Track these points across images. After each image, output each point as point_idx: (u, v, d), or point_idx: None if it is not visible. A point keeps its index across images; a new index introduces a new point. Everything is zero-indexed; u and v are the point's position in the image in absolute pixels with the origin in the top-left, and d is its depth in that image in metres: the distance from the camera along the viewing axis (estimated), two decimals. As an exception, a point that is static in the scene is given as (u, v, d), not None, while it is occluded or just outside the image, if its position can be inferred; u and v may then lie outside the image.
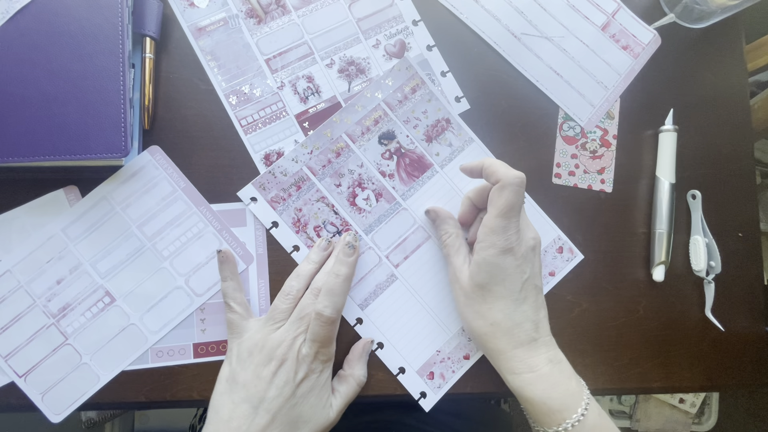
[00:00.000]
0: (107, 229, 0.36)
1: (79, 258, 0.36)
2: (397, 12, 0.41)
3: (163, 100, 0.38)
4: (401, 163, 0.39)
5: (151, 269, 0.36)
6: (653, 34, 0.43)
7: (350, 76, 0.40)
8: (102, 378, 0.35)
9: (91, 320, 0.35)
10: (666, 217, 0.41)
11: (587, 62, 0.42)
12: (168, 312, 0.36)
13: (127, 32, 0.35)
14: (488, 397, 0.52)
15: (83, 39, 0.34)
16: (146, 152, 0.37)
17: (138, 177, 0.37)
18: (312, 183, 0.38)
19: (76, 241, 0.36)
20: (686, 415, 0.97)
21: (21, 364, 0.35)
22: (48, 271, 0.35)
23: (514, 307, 0.33)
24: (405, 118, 0.40)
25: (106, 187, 0.36)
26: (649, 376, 0.41)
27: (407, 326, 0.38)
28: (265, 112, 0.39)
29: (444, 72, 0.41)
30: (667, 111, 0.42)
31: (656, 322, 0.41)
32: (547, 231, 0.40)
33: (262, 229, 0.38)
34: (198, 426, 0.54)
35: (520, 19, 0.42)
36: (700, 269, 0.41)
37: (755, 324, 0.42)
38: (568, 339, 0.40)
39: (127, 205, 0.36)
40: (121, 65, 0.34)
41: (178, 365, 0.36)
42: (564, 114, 0.42)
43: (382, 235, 0.39)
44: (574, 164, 0.42)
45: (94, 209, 0.36)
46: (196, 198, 0.37)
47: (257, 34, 0.39)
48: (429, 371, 0.38)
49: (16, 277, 0.35)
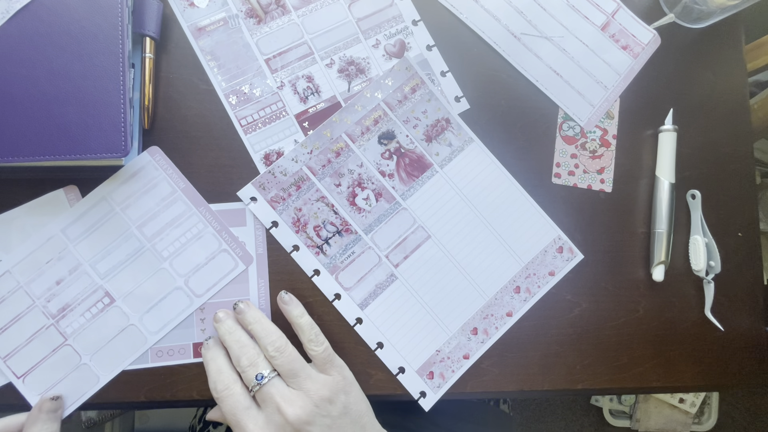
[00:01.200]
0: (107, 229, 0.36)
1: (78, 258, 0.36)
2: (396, 12, 0.41)
3: (163, 100, 0.38)
4: (401, 163, 0.39)
5: (150, 270, 0.36)
6: (653, 34, 0.43)
7: (350, 76, 0.40)
8: (101, 378, 0.35)
9: (91, 321, 0.35)
10: (666, 217, 0.41)
11: (587, 62, 0.42)
12: (167, 312, 0.36)
13: (127, 32, 0.35)
14: (487, 398, 0.52)
15: (83, 39, 0.34)
16: (146, 153, 0.37)
17: (138, 177, 0.37)
18: (312, 183, 0.38)
19: (75, 241, 0.36)
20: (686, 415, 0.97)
21: (20, 365, 0.35)
22: (47, 271, 0.35)
23: None
24: (405, 117, 0.40)
25: (106, 188, 0.36)
26: (649, 376, 0.41)
27: (407, 326, 0.38)
28: (264, 112, 0.39)
29: (444, 72, 0.41)
30: (666, 111, 0.43)
31: (656, 322, 0.41)
32: (547, 231, 0.40)
33: (262, 228, 0.38)
34: (198, 426, 0.54)
35: (520, 19, 0.42)
36: (700, 269, 0.41)
37: (755, 324, 0.43)
38: (568, 339, 0.40)
39: (127, 205, 0.36)
40: (121, 65, 0.34)
41: (178, 365, 0.36)
42: (564, 114, 0.42)
43: (382, 234, 0.39)
44: (574, 164, 0.42)
45: (94, 210, 0.36)
46: (195, 199, 0.37)
47: (257, 34, 0.39)
48: (429, 371, 0.38)
49: (15, 277, 0.35)
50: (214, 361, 0.33)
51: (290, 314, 0.35)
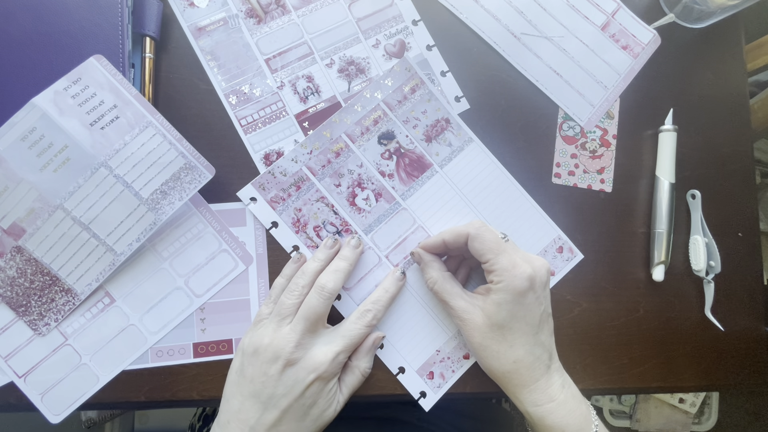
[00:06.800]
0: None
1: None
2: (396, 12, 0.41)
3: (163, 100, 0.38)
4: (401, 163, 0.39)
5: (150, 270, 0.36)
6: (653, 34, 0.43)
7: (350, 76, 0.40)
8: (101, 378, 0.35)
9: (91, 321, 0.35)
10: (666, 217, 0.41)
11: (587, 62, 0.42)
12: (167, 313, 0.36)
13: (127, 32, 0.35)
14: (488, 397, 0.52)
15: (83, 39, 0.34)
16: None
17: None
18: (312, 183, 0.38)
19: (75, 241, 0.36)
20: (686, 415, 0.97)
21: (21, 365, 0.35)
22: (48, 271, 0.35)
23: (534, 340, 0.33)
24: (404, 118, 0.40)
25: (105, 187, 0.36)
26: (649, 376, 0.41)
27: (407, 326, 0.38)
28: (264, 112, 0.39)
29: (444, 72, 0.41)
30: (666, 111, 0.42)
31: (656, 322, 0.41)
32: (546, 231, 0.40)
33: (262, 229, 0.38)
34: (197, 425, 0.54)
35: (520, 19, 0.42)
36: (700, 269, 0.41)
37: (755, 324, 0.42)
38: (568, 339, 0.40)
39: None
40: (121, 65, 0.34)
41: (178, 365, 0.36)
42: (564, 114, 0.42)
43: (382, 235, 0.39)
44: (574, 164, 0.42)
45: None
46: (195, 199, 0.37)
47: (257, 34, 0.39)
48: (429, 371, 0.38)
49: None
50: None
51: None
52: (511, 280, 0.32)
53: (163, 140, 0.34)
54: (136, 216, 0.34)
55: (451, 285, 0.35)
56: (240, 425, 0.32)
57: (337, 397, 0.34)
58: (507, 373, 0.33)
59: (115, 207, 0.33)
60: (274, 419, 0.31)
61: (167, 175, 0.34)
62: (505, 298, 0.32)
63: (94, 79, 0.33)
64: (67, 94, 0.32)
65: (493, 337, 0.33)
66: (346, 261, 0.36)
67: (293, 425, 0.32)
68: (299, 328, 0.33)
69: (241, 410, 0.32)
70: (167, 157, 0.34)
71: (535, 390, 0.33)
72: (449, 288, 0.35)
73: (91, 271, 0.35)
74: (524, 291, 0.32)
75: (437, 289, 0.35)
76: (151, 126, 0.34)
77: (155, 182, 0.34)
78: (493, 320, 0.32)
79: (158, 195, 0.34)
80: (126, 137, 0.33)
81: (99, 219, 0.33)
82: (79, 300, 0.35)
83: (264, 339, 0.33)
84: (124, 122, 0.33)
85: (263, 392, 0.32)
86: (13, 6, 0.33)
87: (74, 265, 0.34)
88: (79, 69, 0.33)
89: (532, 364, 0.33)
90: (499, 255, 0.32)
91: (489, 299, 0.33)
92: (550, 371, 0.33)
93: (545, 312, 0.34)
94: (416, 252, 0.37)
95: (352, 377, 0.35)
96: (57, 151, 0.32)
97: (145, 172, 0.34)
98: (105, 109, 0.33)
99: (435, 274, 0.36)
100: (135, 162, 0.33)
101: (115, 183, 0.33)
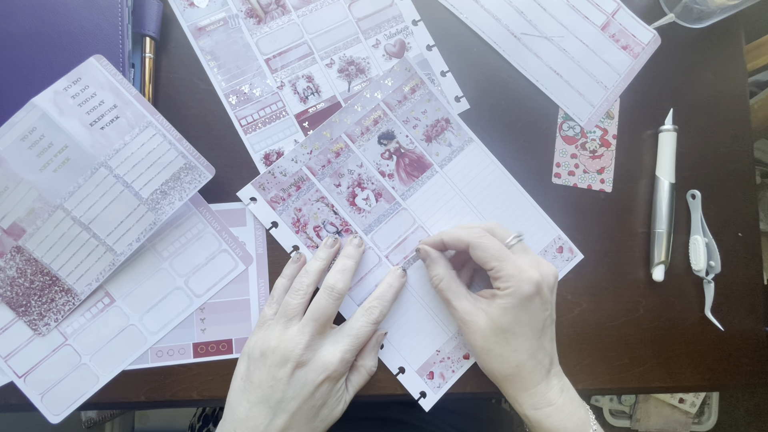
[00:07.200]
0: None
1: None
2: (396, 12, 0.41)
3: (163, 100, 0.38)
4: (401, 163, 0.39)
5: (150, 270, 0.36)
6: (653, 34, 0.43)
7: (350, 76, 0.40)
8: (101, 378, 0.35)
9: (91, 321, 0.35)
10: (666, 217, 0.41)
11: (587, 62, 0.42)
12: (167, 313, 0.36)
13: (127, 32, 0.35)
14: (488, 397, 0.52)
15: (83, 39, 0.34)
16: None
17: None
18: (312, 183, 0.38)
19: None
20: (686, 415, 0.98)
21: (21, 365, 0.35)
22: (48, 271, 0.35)
23: (537, 345, 0.33)
24: (404, 118, 0.40)
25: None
26: (649, 376, 0.41)
27: (407, 326, 0.38)
28: (264, 112, 0.39)
29: (444, 72, 0.41)
30: (666, 111, 0.43)
31: (656, 322, 0.41)
32: (546, 231, 0.40)
33: (262, 229, 0.38)
34: (197, 425, 0.54)
35: (520, 19, 0.42)
36: (700, 269, 0.41)
37: (755, 324, 0.43)
38: (568, 339, 0.40)
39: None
40: (121, 65, 0.34)
41: (178, 365, 0.36)
42: (564, 114, 0.42)
43: (382, 235, 0.39)
44: (574, 164, 0.42)
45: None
46: (195, 199, 0.37)
47: (257, 34, 0.39)
48: (429, 371, 0.38)
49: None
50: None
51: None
52: (518, 286, 0.31)
53: (163, 140, 0.34)
54: (136, 216, 0.34)
55: (456, 285, 0.35)
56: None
57: (345, 397, 0.34)
58: (508, 376, 0.33)
59: (115, 207, 0.33)
60: (283, 423, 0.31)
61: (167, 175, 0.34)
62: (512, 303, 0.32)
63: (94, 79, 0.33)
64: (67, 94, 0.32)
65: (497, 341, 0.32)
66: (351, 259, 0.36)
67: (303, 427, 0.32)
68: (308, 330, 0.33)
69: (249, 417, 0.31)
70: (167, 157, 0.34)
71: (535, 394, 0.33)
72: (454, 288, 0.35)
73: (91, 271, 0.35)
74: (531, 296, 0.32)
75: (442, 287, 0.35)
76: (151, 126, 0.34)
77: (155, 182, 0.34)
78: (497, 324, 0.32)
79: (158, 195, 0.34)
80: (126, 137, 0.33)
81: (99, 219, 0.33)
82: (79, 300, 0.35)
83: (271, 342, 0.33)
84: (124, 122, 0.33)
85: (272, 397, 0.31)
86: (13, 6, 0.33)
87: (74, 265, 0.34)
88: (79, 69, 0.33)
89: (533, 369, 0.32)
90: (503, 262, 0.32)
91: (494, 303, 0.32)
92: (549, 375, 0.33)
93: (550, 317, 0.34)
94: (422, 248, 0.36)
95: (358, 376, 0.35)
96: (57, 151, 0.32)
97: (145, 172, 0.34)
98: (105, 109, 0.33)
99: (442, 272, 0.35)
100: (135, 162, 0.33)
101: (115, 183, 0.33)
